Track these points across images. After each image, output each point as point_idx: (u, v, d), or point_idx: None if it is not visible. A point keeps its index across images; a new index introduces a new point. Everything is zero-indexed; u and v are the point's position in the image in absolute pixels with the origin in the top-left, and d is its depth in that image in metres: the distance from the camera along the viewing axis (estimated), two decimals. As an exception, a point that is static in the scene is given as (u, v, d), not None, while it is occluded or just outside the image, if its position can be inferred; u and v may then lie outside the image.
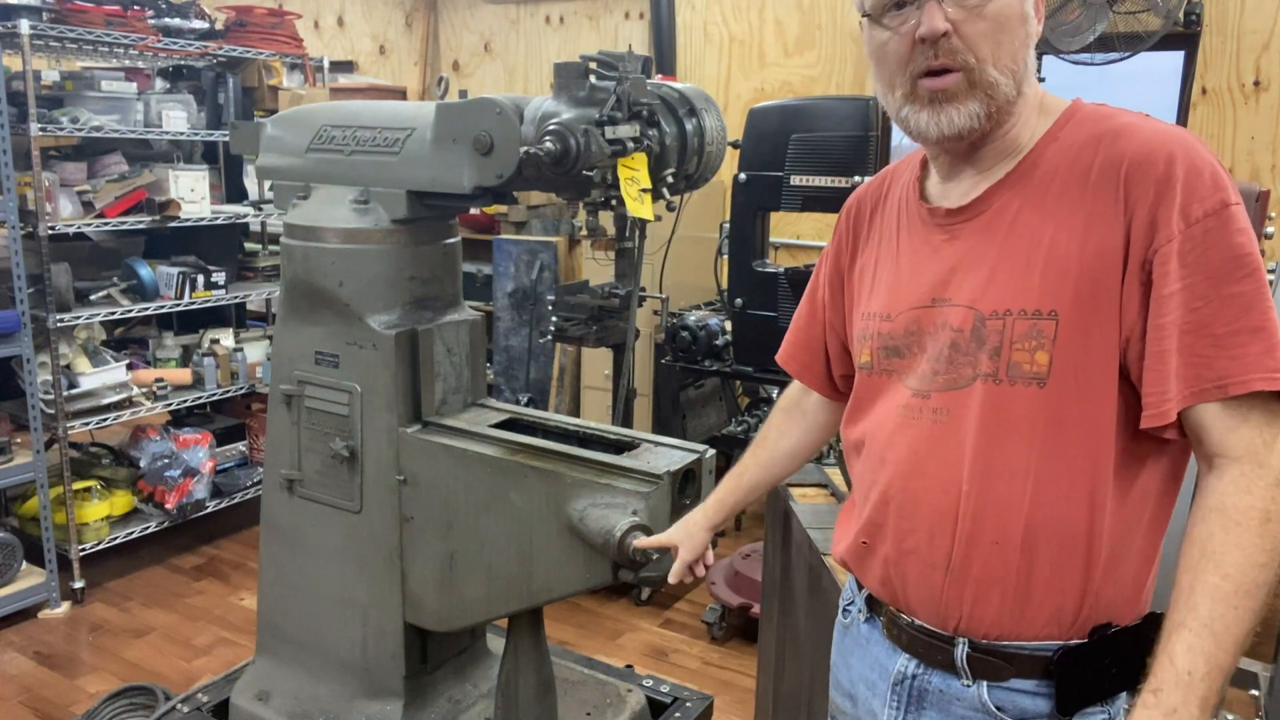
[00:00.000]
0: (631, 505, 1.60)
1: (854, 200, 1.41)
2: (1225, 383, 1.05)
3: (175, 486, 3.91)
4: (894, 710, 1.28)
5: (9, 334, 3.33)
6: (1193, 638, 1.02)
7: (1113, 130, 1.13)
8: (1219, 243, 1.05)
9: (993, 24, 1.10)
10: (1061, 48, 3.63)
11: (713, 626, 3.47)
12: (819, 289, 1.46)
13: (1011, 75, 1.13)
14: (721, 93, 5.02)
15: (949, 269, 1.20)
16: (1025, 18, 1.13)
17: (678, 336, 3.76)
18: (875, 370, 1.28)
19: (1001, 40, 1.11)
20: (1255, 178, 3.86)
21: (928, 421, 1.21)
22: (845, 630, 1.41)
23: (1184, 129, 1.13)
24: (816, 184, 3.19)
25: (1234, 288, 1.05)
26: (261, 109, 4.35)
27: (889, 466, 1.25)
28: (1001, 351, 1.14)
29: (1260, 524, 1.03)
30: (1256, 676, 2.22)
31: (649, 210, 1.68)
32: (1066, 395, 1.11)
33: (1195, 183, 1.06)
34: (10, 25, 3.27)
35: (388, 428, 1.86)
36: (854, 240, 1.39)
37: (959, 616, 1.20)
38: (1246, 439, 1.05)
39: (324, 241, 1.86)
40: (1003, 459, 1.15)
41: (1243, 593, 1.02)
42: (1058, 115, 1.18)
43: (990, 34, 1.10)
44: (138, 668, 3.25)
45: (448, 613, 1.88)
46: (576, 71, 1.67)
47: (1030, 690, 1.18)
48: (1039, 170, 1.16)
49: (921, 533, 1.21)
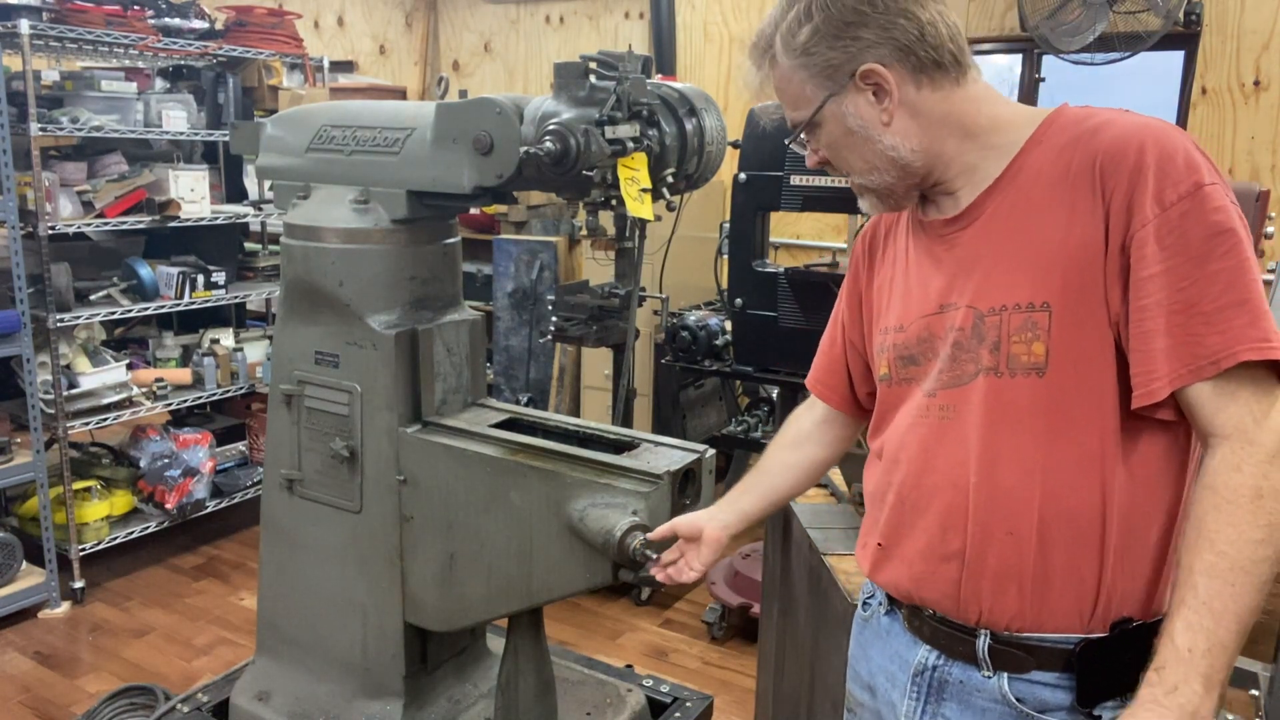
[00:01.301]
0: (631, 505, 1.60)
1: (870, 226, 1.47)
2: (1217, 358, 1.07)
3: (175, 486, 3.91)
4: (914, 701, 1.29)
5: (9, 334, 3.33)
6: (1191, 615, 1.04)
7: (1090, 129, 1.16)
8: (1197, 222, 1.07)
9: (831, 150, 1.28)
10: (1061, 48, 3.63)
11: (713, 626, 3.48)
12: (840, 314, 1.52)
13: (874, 170, 1.25)
14: (721, 93, 5.02)
15: (951, 275, 1.24)
16: (850, 131, 1.24)
17: (678, 336, 3.76)
18: (894, 381, 1.32)
19: (845, 156, 1.27)
20: (1255, 178, 3.86)
21: (935, 419, 1.24)
22: (865, 623, 1.43)
23: (1160, 119, 1.15)
24: (816, 184, 3.18)
25: (1216, 264, 1.07)
26: (261, 109, 4.35)
27: (902, 467, 1.28)
28: (1000, 345, 1.17)
29: (1251, 500, 1.05)
30: (1256, 676, 2.22)
31: (649, 210, 1.68)
32: (1066, 383, 1.14)
33: (1168, 167, 1.09)
34: (10, 25, 3.27)
35: (388, 428, 1.86)
36: (870, 263, 1.44)
37: (979, 610, 1.21)
38: (1236, 416, 1.07)
39: (324, 241, 1.86)
40: (1008, 450, 1.17)
41: (1239, 569, 1.04)
42: (1039, 122, 1.22)
43: (834, 157, 1.29)
44: (138, 668, 3.25)
45: (448, 613, 1.88)
46: (576, 71, 1.67)
47: (1051, 683, 1.19)
48: (1024, 173, 1.20)
49: (935, 529, 1.23)
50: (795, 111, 1.28)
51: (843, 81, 1.21)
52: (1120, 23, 3.57)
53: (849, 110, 1.22)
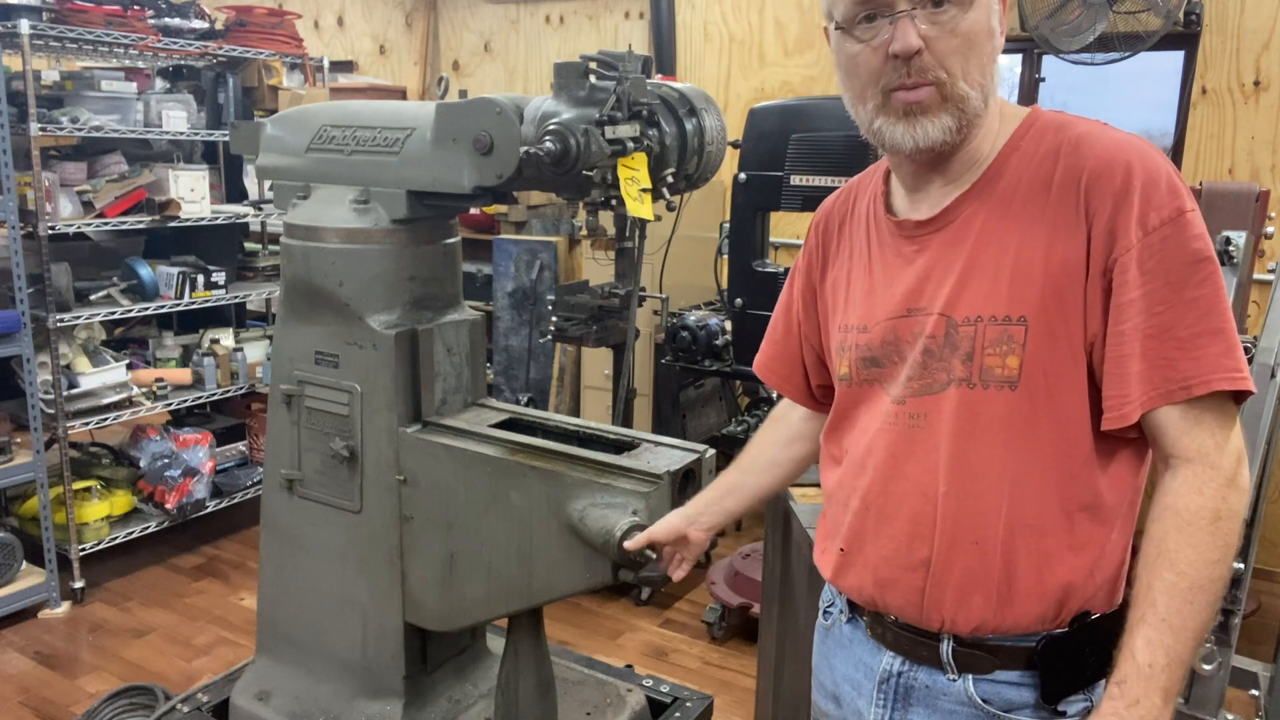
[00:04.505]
0: (631, 505, 1.60)
1: (821, 215, 1.43)
2: (1189, 384, 1.08)
3: (175, 486, 3.91)
4: (881, 709, 1.29)
5: (9, 334, 3.33)
6: (1152, 632, 1.07)
7: (1072, 140, 1.15)
8: (1177, 249, 1.08)
9: (964, 40, 1.11)
10: (1061, 48, 3.63)
11: (713, 626, 3.47)
12: (793, 303, 1.49)
13: (980, 89, 1.14)
14: (721, 93, 5.02)
15: (920, 279, 1.22)
16: (992, 32, 1.14)
17: (678, 336, 3.76)
18: (855, 381, 1.30)
19: (971, 56, 1.12)
20: (1255, 178, 3.85)
21: (905, 426, 1.23)
22: (827, 632, 1.42)
23: (1139, 137, 1.15)
24: (816, 184, 3.18)
25: (1193, 291, 1.08)
26: (261, 109, 4.35)
27: (868, 473, 1.26)
28: (974, 356, 1.16)
29: (1211, 523, 1.07)
30: (1256, 676, 2.22)
31: (649, 210, 1.68)
32: (1038, 398, 1.14)
33: (1151, 192, 1.09)
34: (10, 25, 3.27)
35: (388, 427, 1.86)
36: (824, 254, 1.41)
37: (942, 618, 1.21)
38: (1199, 440, 1.09)
39: (324, 241, 1.86)
40: (978, 461, 1.17)
41: (1197, 588, 1.06)
42: (1017, 123, 1.20)
43: (961, 50, 1.11)
44: (138, 668, 3.25)
45: (448, 613, 1.88)
46: (576, 71, 1.67)
47: (1015, 681, 1.20)
48: (1002, 180, 1.18)
49: (902, 536, 1.23)
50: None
51: None
52: (1120, 23, 3.57)
53: (995, 8, 1.14)
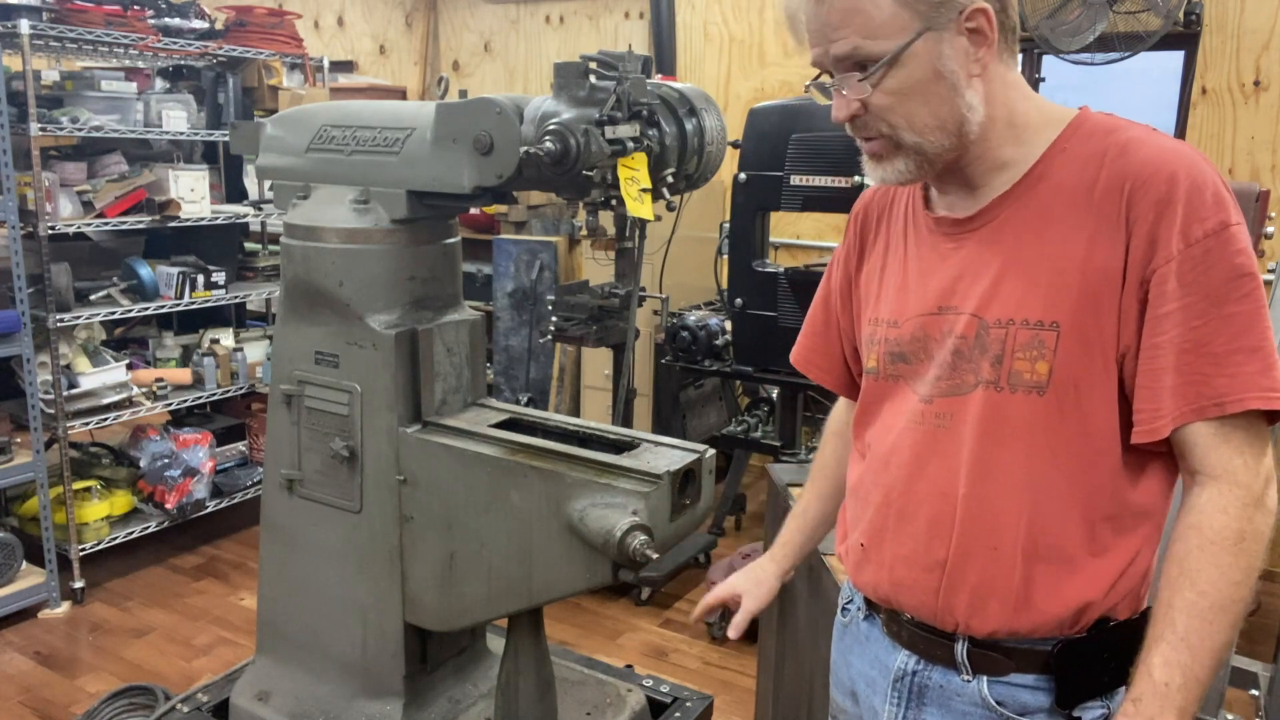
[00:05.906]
0: (631, 505, 1.59)
1: (860, 207, 1.42)
2: (1223, 401, 1.06)
3: (175, 486, 3.91)
4: (895, 707, 1.29)
5: (9, 334, 3.33)
6: (1170, 651, 1.05)
7: (1118, 145, 1.12)
8: (1219, 263, 1.06)
9: (898, 97, 1.11)
10: (1061, 48, 3.63)
11: (713, 626, 3.47)
12: (831, 294, 1.47)
13: (939, 130, 1.13)
14: (721, 93, 5.02)
15: (954, 277, 1.21)
16: (939, 75, 1.11)
17: (678, 336, 3.76)
18: (881, 375, 1.30)
19: (913, 107, 1.12)
20: (1255, 178, 3.86)
21: (931, 426, 1.22)
22: (845, 629, 1.42)
23: (1189, 145, 1.13)
24: (816, 184, 3.19)
25: (1233, 307, 1.06)
26: (261, 109, 4.35)
27: (892, 470, 1.26)
28: (1003, 360, 1.15)
29: (1235, 543, 1.06)
30: (1256, 676, 2.22)
31: (649, 210, 1.68)
32: (1066, 405, 1.12)
33: (1196, 202, 1.06)
34: (10, 25, 3.27)
35: (388, 428, 1.86)
36: (860, 246, 1.40)
37: (955, 620, 1.20)
38: (1226, 458, 1.07)
39: (324, 241, 1.86)
40: (1000, 466, 1.16)
41: (1218, 609, 1.05)
42: (1063, 125, 1.17)
43: (896, 106, 1.12)
44: (138, 668, 3.25)
45: (448, 613, 1.88)
46: (576, 71, 1.67)
47: (1030, 685, 1.19)
48: (1046, 183, 1.15)
49: (921, 536, 1.22)
50: (871, 41, 1.09)
51: (950, 16, 1.08)
52: (1120, 23, 3.57)
53: (946, 51, 1.09)
